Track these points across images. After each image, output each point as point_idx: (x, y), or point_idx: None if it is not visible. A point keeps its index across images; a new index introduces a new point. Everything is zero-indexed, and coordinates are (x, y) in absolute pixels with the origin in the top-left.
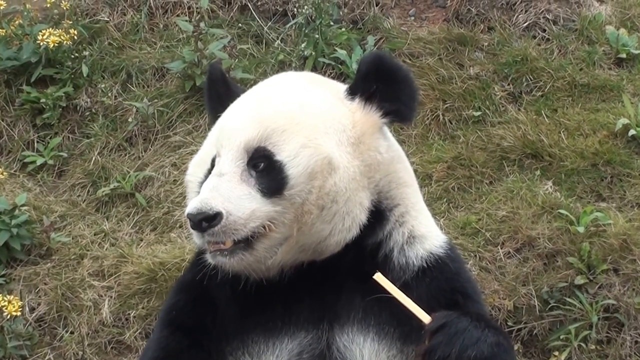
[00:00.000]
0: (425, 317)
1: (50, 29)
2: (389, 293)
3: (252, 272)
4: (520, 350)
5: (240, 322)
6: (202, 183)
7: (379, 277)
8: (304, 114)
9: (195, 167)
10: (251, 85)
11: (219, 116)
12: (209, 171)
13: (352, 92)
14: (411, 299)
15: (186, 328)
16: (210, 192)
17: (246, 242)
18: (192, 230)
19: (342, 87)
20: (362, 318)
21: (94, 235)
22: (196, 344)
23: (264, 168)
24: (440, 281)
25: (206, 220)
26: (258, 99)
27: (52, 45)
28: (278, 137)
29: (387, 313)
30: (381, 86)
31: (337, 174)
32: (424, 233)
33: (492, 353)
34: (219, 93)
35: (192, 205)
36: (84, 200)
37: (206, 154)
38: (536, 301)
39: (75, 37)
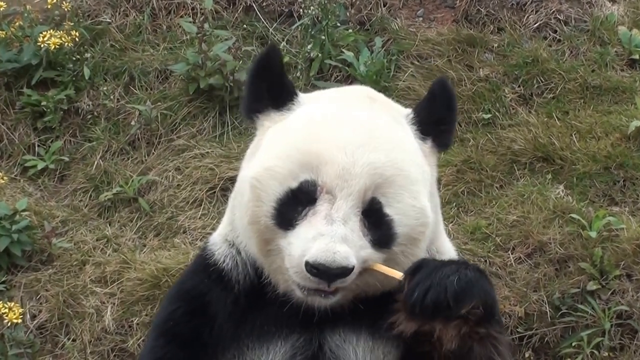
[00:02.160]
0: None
1: (51, 30)
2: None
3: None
4: (532, 358)
5: (237, 331)
6: (280, 200)
7: None
8: (407, 164)
9: (269, 178)
10: None
11: (263, 103)
12: (294, 194)
13: (423, 132)
14: None
15: (182, 340)
16: (343, 244)
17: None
18: (307, 274)
19: (404, 113)
20: (354, 319)
21: (96, 240)
22: (191, 357)
23: (376, 220)
24: None
25: (342, 274)
26: (364, 136)
27: (53, 47)
28: (387, 188)
29: (383, 316)
30: (446, 128)
31: (427, 238)
32: (447, 250)
33: (474, 277)
34: (272, 80)
35: (324, 255)
36: (86, 205)
37: (285, 170)
38: (547, 307)
39: (77, 39)
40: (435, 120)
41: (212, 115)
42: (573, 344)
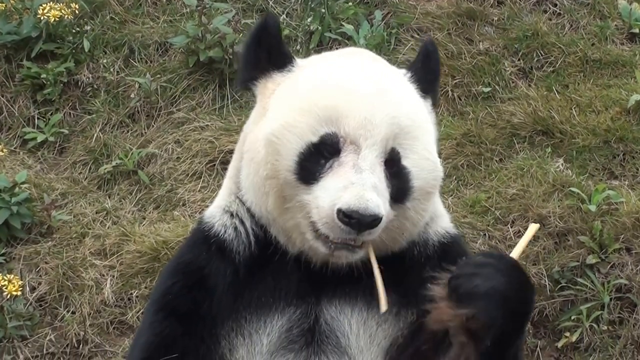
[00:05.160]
0: (383, 304)
1: (51, 3)
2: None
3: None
4: (531, 331)
5: (235, 304)
6: (302, 154)
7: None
8: (419, 116)
9: (288, 133)
10: None
11: (261, 69)
12: (315, 147)
13: (424, 91)
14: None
15: (181, 314)
16: (373, 192)
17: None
18: (338, 224)
19: (401, 72)
20: (350, 290)
21: (96, 213)
22: (190, 330)
23: (396, 171)
24: (454, 257)
25: (372, 223)
26: (378, 87)
27: (52, 20)
28: (403, 140)
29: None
30: (438, 87)
31: (436, 194)
32: (441, 213)
33: (491, 289)
34: (270, 47)
35: (358, 203)
36: (86, 178)
37: (304, 125)
38: (547, 281)
39: (77, 11)
40: (431, 78)
41: (211, 88)
42: (572, 318)
